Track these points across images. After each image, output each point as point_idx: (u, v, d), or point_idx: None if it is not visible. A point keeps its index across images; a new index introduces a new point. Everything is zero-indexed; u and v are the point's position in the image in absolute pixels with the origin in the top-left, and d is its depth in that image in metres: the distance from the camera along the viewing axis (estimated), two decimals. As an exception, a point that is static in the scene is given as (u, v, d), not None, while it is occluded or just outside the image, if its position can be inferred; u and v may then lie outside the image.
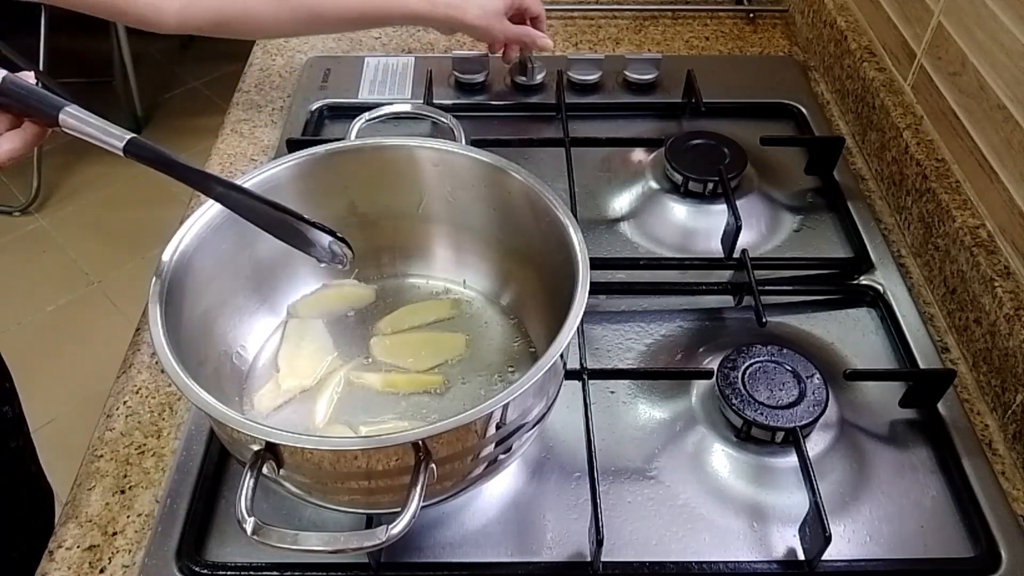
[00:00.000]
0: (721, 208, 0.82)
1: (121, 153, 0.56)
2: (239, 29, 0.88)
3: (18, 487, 0.95)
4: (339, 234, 0.60)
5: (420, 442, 0.49)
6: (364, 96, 1.01)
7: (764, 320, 0.72)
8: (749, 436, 0.66)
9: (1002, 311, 0.69)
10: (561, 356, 0.55)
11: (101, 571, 0.61)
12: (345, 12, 0.88)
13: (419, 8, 0.89)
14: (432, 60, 1.07)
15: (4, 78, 0.56)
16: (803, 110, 0.99)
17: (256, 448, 0.50)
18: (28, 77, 0.58)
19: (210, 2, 0.84)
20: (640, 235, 0.85)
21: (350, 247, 0.61)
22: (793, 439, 0.64)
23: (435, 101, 0.97)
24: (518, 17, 0.96)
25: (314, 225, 0.59)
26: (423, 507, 0.48)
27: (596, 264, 0.60)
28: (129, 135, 0.56)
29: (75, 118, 0.56)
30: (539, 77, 1.02)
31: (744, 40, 1.15)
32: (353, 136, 0.72)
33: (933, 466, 0.66)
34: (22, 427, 0.95)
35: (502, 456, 0.57)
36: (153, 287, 0.57)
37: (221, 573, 0.59)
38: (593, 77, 1.02)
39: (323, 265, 0.62)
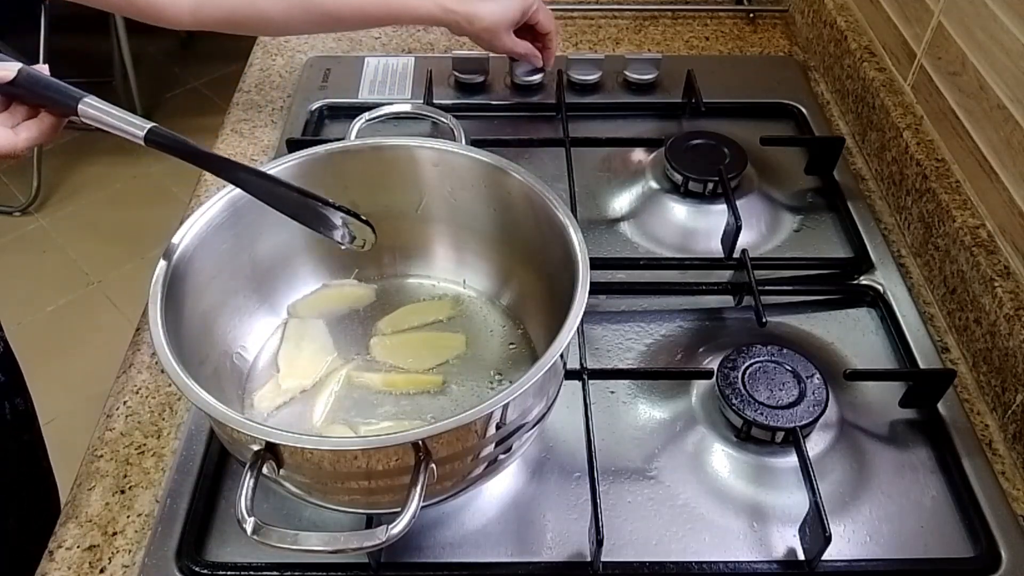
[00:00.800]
0: (721, 208, 0.82)
1: (142, 142, 0.58)
2: (252, 27, 0.90)
3: (28, 482, 0.96)
4: (363, 217, 0.61)
5: (420, 442, 0.49)
6: (364, 96, 1.01)
7: (764, 320, 0.72)
8: (749, 436, 0.66)
9: (1002, 311, 0.69)
10: (561, 356, 0.55)
11: (101, 571, 0.61)
12: (357, 13, 0.89)
13: (431, 12, 0.90)
14: (432, 60, 1.07)
15: (20, 70, 0.58)
16: (803, 110, 0.99)
17: (256, 448, 0.50)
18: (42, 70, 0.59)
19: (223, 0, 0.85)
20: (640, 235, 0.85)
21: (373, 229, 0.62)
22: (793, 439, 0.64)
23: (435, 101, 0.97)
24: (528, 30, 0.97)
25: (337, 208, 0.61)
26: (423, 507, 0.48)
27: (596, 264, 0.60)
28: (149, 124, 0.58)
29: (95, 108, 0.58)
30: (536, 77, 1.02)
31: (744, 40, 1.15)
32: (353, 136, 0.72)
33: (933, 466, 0.66)
34: (33, 421, 0.95)
35: (502, 456, 0.57)
36: (153, 287, 0.57)
37: (221, 573, 0.59)
38: (593, 77, 1.02)
39: (344, 247, 0.63)
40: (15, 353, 0.94)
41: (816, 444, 0.66)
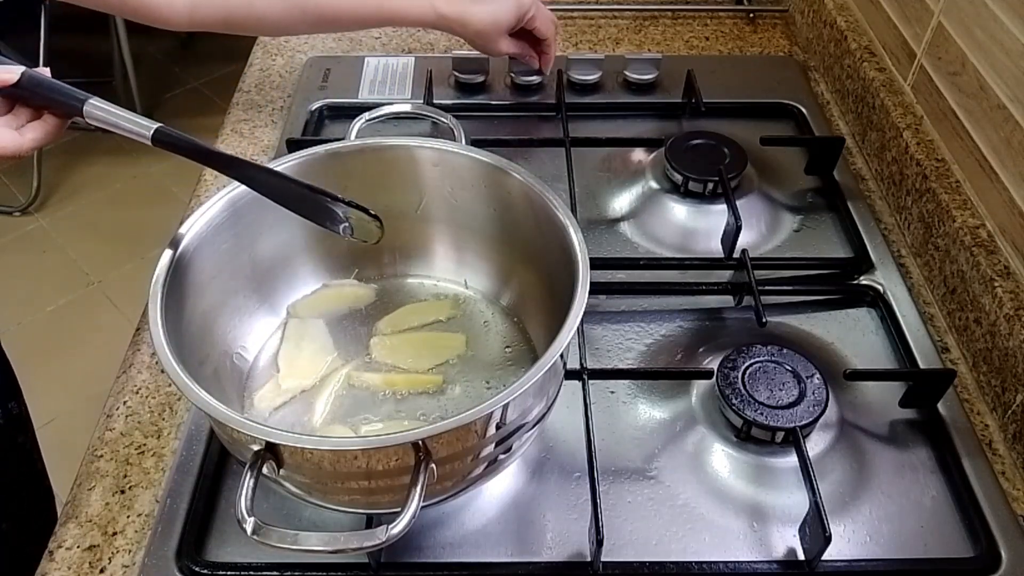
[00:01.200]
0: (721, 208, 0.82)
1: (149, 142, 0.58)
2: (249, 28, 0.90)
3: (24, 484, 0.96)
4: (371, 211, 0.62)
5: (420, 442, 0.49)
6: (364, 96, 1.01)
7: (764, 320, 0.72)
8: (749, 436, 0.66)
9: (1002, 311, 0.69)
10: (561, 356, 0.55)
11: (101, 571, 0.61)
12: (352, 16, 0.90)
13: (424, 16, 0.90)
14: (432, 60, 1.07)
15: (23, 73, 0.59)
16: (803, 110, 0.99)
17: (256, 448, 0.50)
18: (44, 72, 0.60)
19: (219, 1, 0.85)
20: (640, 235, 0.85)
21: (381, 223, 0.62)
22: (793, 439, 0.64)
23: (435, 101, 0.97)
24: (525, 34, 0.96)
25: (347, 203, 0.61)
26: (423, 507, 0.48)
27: (596, 264, 0.60)
28: (156, 124, 0.59)
29: (101, 109, 0.59)
30: (535, 78, 1.02)
31: (744, 40, 1.15)
32: (353, 136, 0.72)
33: (933, 466, 0.66)
34: (28, 424, 0.96)
35: (502, 456, 0.57)
36: (153, 287, 0.57)
37: (221, 573, 0.59)
38: (593, 77, 1.02)
39: (348, 240, 0.63)
40: (11, 356, 0.94)
41: (816, 444, 0.66)
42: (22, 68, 0.59)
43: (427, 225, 0.73)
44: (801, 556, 0.61)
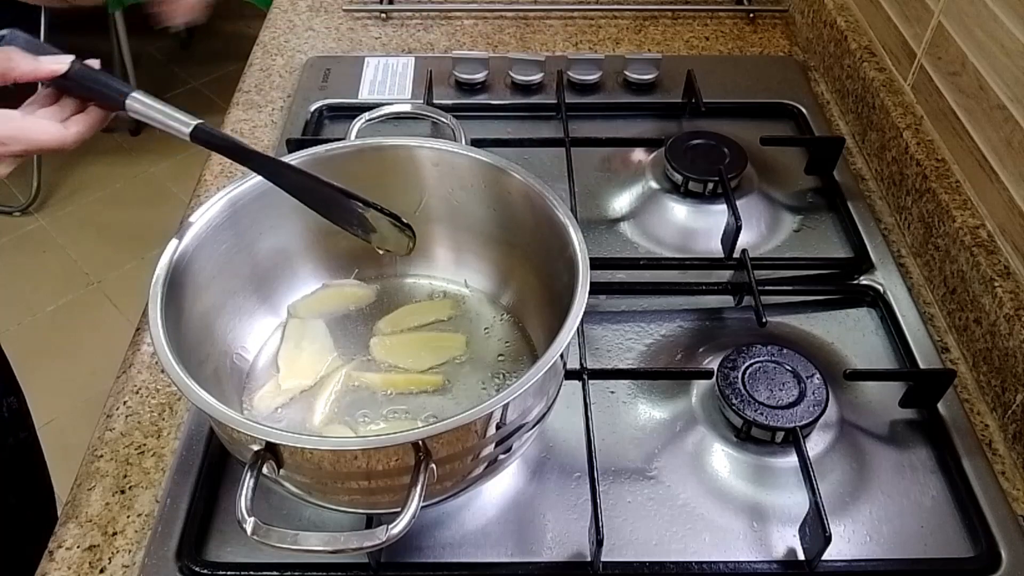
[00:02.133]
0: (721, 208, 0.82)
1: (188, 138, 0.58)
2: None
3: (25, 479, 0.96)
4: (404, 219, 0.61)
5: (420, 442, 0.49)
6: (364, 96, 1.01)
7: (764, 320, 0.72)
8: (749, 436, 0.66)
9: (1002, 311, 0.69)
10: (561, 356, 0.55)
11: (101, 571, 0.61)
12: None
13: None
14: (432, 60, 1.07)
15: (72, 63, 0.58)
16: (803, 110, 0.99)
17: (256, 448, 0.50)
18: (93, 64, 0.60)
19: None
20: (640, 235, 0.85)
21: (413, 233, 0.62)
22: (793, 439, 0.64)
23: (435, 101, 0.97)
24: None
25: (384, 213, 0.61)
26: (423, 507, 0.48)
27: (596, 264, 0.60)
28: (196, 120, 0.58)
29: (141, 103, 0.59)
30: (536, 77, 1.02)
31: (744, 40, 1.15)
32: (353, 136, 0.72)
33: (933, 466, 0.66)
34: (28, 419, 0.96)
35: (502, 456, 0.57)
36: (153, 287, 0.57)
37: (221, 573, 0.59)
38: (593, 77, 1.02)
39: (381, 252, 0.63)
40: (11, 356, 0.94)
41: (816, 444, 0.66)
42: (71, 57, 0.58)
43: (427, 225, 0.73)
44: (801, 556, 0.61)
